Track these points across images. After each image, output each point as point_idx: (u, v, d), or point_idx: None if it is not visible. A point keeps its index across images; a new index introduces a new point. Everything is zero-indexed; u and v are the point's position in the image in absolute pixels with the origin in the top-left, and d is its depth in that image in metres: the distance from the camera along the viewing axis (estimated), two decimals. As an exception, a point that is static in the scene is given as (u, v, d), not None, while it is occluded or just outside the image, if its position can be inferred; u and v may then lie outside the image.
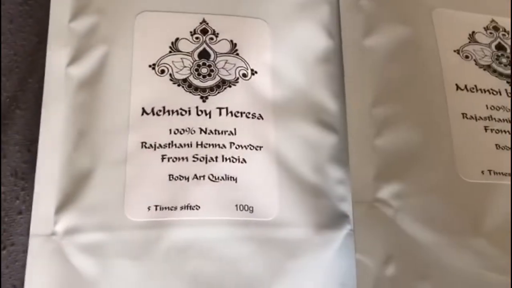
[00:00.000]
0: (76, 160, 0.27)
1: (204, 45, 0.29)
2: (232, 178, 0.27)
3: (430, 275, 0.26)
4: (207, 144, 0.27)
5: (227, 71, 0.29)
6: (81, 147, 0.28)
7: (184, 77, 0.28)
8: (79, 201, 0.27)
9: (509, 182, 0.28)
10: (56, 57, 0.29)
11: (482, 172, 0.28)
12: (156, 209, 0.26)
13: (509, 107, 0.29)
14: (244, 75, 0.29)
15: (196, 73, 0.28)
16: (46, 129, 0.28)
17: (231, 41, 0.29)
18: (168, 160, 0.27)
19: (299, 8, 0.31)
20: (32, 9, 0.33)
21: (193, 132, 0.27)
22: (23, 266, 0.28)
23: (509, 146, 0.28)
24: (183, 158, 0.27)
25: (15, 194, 0.30)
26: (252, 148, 0.28)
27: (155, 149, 0.27)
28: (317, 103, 0.30)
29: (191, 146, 0.27)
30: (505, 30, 0.32)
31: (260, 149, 0.28)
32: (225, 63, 0.29)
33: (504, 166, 0.28)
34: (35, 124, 0.30)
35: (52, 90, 0.28)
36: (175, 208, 0.26)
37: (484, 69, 0.30)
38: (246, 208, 0.27)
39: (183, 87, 0.28)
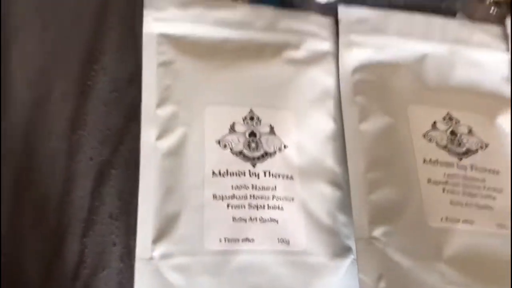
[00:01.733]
0: (166, 206, 0.35)
1: (252, 127, 0.38)
2: (275, 220, 0.36)
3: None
4: (257, 196, 0.36)
5: (268, 146, 0.37)
6: (170, 198, 0.35)
7: (239, 149, 0.37)
8: (170, 235, 0.34)
9: (459, 227, 0.36)
10: (147, 134, 0.37)
11: (441, 219, 0.36)
12: (225, 241, 0.35)
13: (460, 175, 0.38)
14: (280, 149, 0.38)
15: (247, 147, 0.37)
16: (143, 185, 0.35)
17: (270, 125, 0.38)
18: (232, 208, 0.35)
19: (313, 103, 0.40)
20: (120, 96, 0.40)
21: (247, 188, 0.36)
22: (116, 284, 0.37)
23: (460, 202, 0.37)
24: (241, 206, 0.36)
25: (111, 231, 0.37)
26: (286, 199, 0.36)
27: (222, 200, 0.36)
28: (328, 169, 0.38)
29: (246, 198, 0.36)
30: (457, 120, 0.40)
31: (292, 200, 0.37)
32: (267, 140, 0.37)
33: (456, 215, 0.36)
34: (125, 180, 0.38)
35: (145, 157, 0.36)
36: (238, 241, 0.35)
37: (442, 148, 0.38)
38: (284, 241, 0.35)
39: (239, 156, 0.37)
